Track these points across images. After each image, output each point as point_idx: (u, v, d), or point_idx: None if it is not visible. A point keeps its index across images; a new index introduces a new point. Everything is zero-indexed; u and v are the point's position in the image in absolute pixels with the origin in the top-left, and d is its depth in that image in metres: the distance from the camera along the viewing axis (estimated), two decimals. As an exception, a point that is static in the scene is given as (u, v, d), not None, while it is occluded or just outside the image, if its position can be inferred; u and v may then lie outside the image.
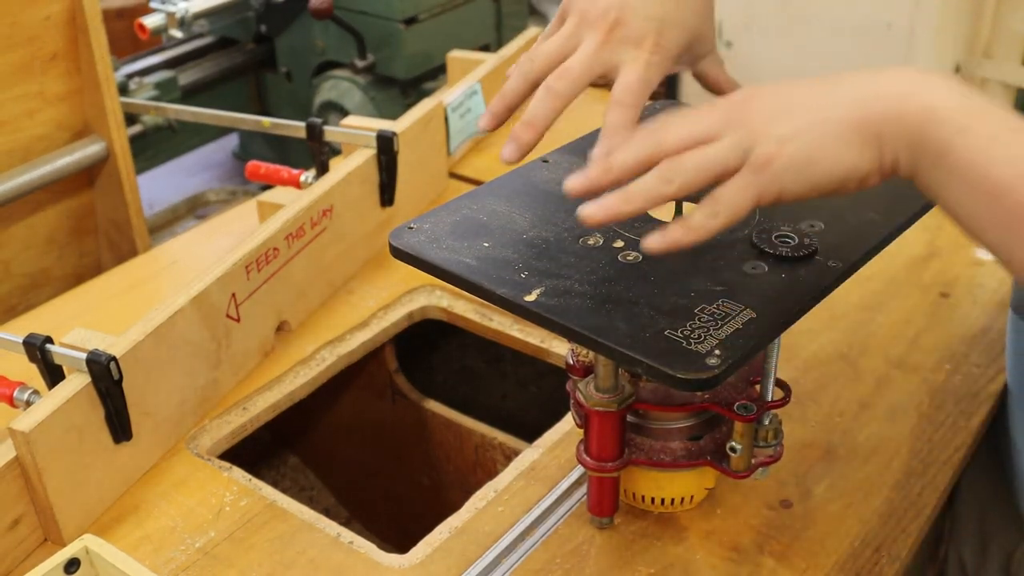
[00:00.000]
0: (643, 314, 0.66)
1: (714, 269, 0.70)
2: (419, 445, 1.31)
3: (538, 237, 0.75)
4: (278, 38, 2.55)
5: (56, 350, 0.87)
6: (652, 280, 0.70)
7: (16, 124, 1.33)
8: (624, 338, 0.64)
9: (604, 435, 0.77)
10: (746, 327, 0.65)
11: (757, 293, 0.68)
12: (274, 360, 1.06)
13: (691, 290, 0.68)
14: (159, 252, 1.30)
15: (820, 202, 0.70)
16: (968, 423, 0.96)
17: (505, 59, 1.50)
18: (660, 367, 0.62)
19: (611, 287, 0.69)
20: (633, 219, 0.73)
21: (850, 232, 0.73)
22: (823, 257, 0.70)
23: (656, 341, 0.64)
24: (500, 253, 0.73)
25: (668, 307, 0.67)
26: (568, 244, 0.74)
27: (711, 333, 0.64)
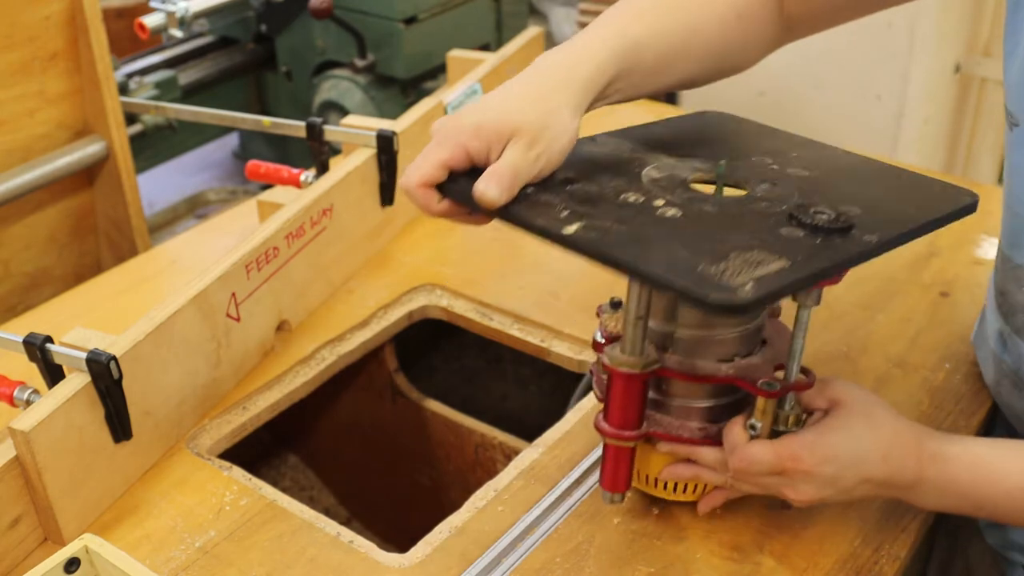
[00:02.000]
0: (678, 253, 0.68)
1: (751, 231, 0.72)
2: (419, 445, 1.31)
3: (581, 190, 0.76)
4: (278, 38, 2.55)
5: (56, 349, 0.87)
6: (688, 232, 0.72)
7: (16, 123, 1.33)
8: (660, 265, 0.67)
9: (627, 399, 0.77)
10: (779, 272, 0.66)
11: (791, 250, 0.69)
12: (274, 359, 1.07)
13: (727, 241, 0.70)
14: (159, 252, 1.30)
15: (858, 191, 0.78)
16: (968, 422, 0.96)
17: (505, 58, 1.50)
18: (694, 288, 0.64)
19: (648, 231, 0.71)
20: (677, 188, 0.77)
21: (887, 218, 0.75)
22: (859, 232, 0.72)
23: (690, 272, 0.66)
24: (542, 196, 0.75)
25: (703, 250, 0.69)
26: (609, 197, 0.75)
27: (744, 272, 0.66)
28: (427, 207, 0.78)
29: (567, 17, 3.05)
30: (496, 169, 0.74)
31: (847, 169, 0.85)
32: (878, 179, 0.83)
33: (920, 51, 2.16)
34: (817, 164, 0.84)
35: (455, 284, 1.18)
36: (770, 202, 0.76)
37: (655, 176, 0.79)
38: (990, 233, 1.23)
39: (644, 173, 0.80)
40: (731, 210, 0.75)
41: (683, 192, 0.77)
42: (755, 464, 0.75)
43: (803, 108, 2.27)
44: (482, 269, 1.20)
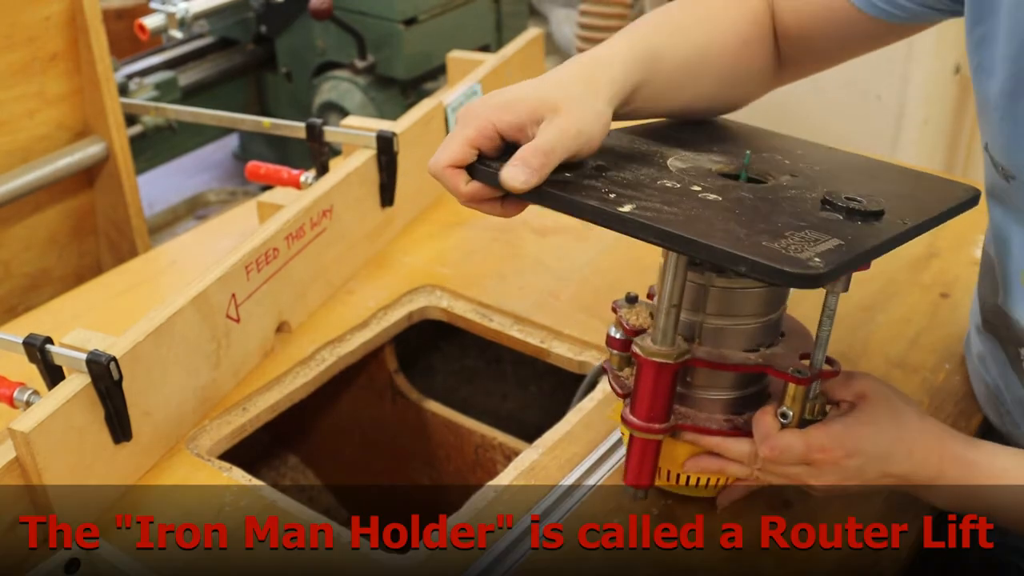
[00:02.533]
0: (737, 230, 0.68)
1: (793, 213, 0.72)
2: (419, 445, 1.31)
3: (617, 176, 0.75)
4: (278, 38, 2.55)
5: (56, 350, 0.87)
6: (735, 212, 0.71)
7: (16, 124, 1.34)
8: (726, 241, 0.66)
9: (657, 390, 0.76)
10: (838, 248, 0.67)
11: (838, 231, 0.70)
12: (274, 360, 1.06)
13: (776, 222, 0.70)
14: (159, 252, 1.30)
15: (872, 184, 0.81)
16: (968, 423, 0.96)
17: (505, 59, 1.50)
18: (769, 263, 0.64)
19: (698, 212, 0.71)
20: (707, 176, 0.77)
21: (910, 206, 0.77)
22: (891, 216, 0.73)
23: (756, 247, 0.66)
24: (583, 180, 0.73)
25: (758, 229, 0.69)
26: (647, 183, 0.74)
27: (807, 248, 0.66)
28: (455, 190, 0.74)
29: (567, 18, 3.05)
30: (528, 150, 0.70)
31: (853, 166, 0.86)
32: (884, 174, 0.85)
33: (920, 52, 2.15)
34: (824, 162, 0.85)
35: (455, 285, 1.18)
36: (799, 190, 0.77)
37: (681, 166, 0.79)
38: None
39: (670, 163, 0.80)
40: (767, 196, 0.75)
41: (714, 180, 0.77)
42: (786, 453, 0.76)
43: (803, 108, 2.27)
44: (482, 270, 1.20)
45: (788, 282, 0.64)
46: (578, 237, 1.26)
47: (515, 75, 1.54)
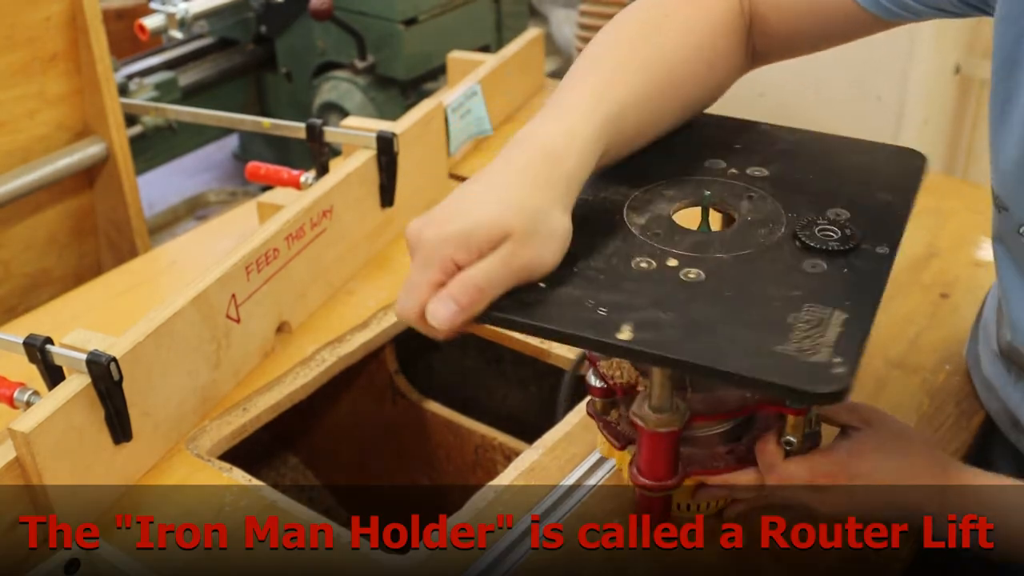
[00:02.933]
0: (740, 334, 0.65)
1: (777, 273, 0.70)
2: (419, 446, 1.31)
3: (588, 268, 0.70)
4: (278, 39, 2.55)
5: (56, 351, 0.87)
6: (727, 296, 0.69)
7: (16, 125, 1.34)
8: (742, 362, 0.63)
9: (665, 454, 0.76)
10: (846, 328, 0.65)
11: (833, 292, 0.68)
12: (274, 361, 1.06)
13: (770, 300, 0.68)
14: (159, 253, 1.30)
15: (825, 180, 0.80)
16: (968, 424, 0.96)
17: (505, 59, 1.50)
18: (795, 386, 0.62)
19: (691, 309, 0.67)
20: (674, 234, 0.74)
21: (874, 215, 0.76)
22: (868, 245, 0.73)
23: (773, 359, 0.63)
24: (564, 293, 0.68)
25: (760, 321, 0.66)
26: (622, 270, 0.71)
27: (818, 341, 0.64)
28: (433, 334, 0.70)
29: (567, 18, 3.05)
30: (457, 283, 0.65)
31: (796, 154, 0.85)
32: (832, 156, 0.85)
33: (920, 52, 2.15)
34: (765, 155, 0.84)
35: (455, 285, 1.18)
36: (766, 227, 0.75)
37: (641, 222, 0.76)
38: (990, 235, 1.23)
39: (628, 219, 0.76)
40: (741, 250, 0.73)
41: (680, 237, 0.74)
42: (792, 480, 0.77)
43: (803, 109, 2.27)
44: (482, 270, 1.20)
45: (822, 403, 0.67)
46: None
47: (515, 75, 1.54)
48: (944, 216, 1.26)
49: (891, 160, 0.84)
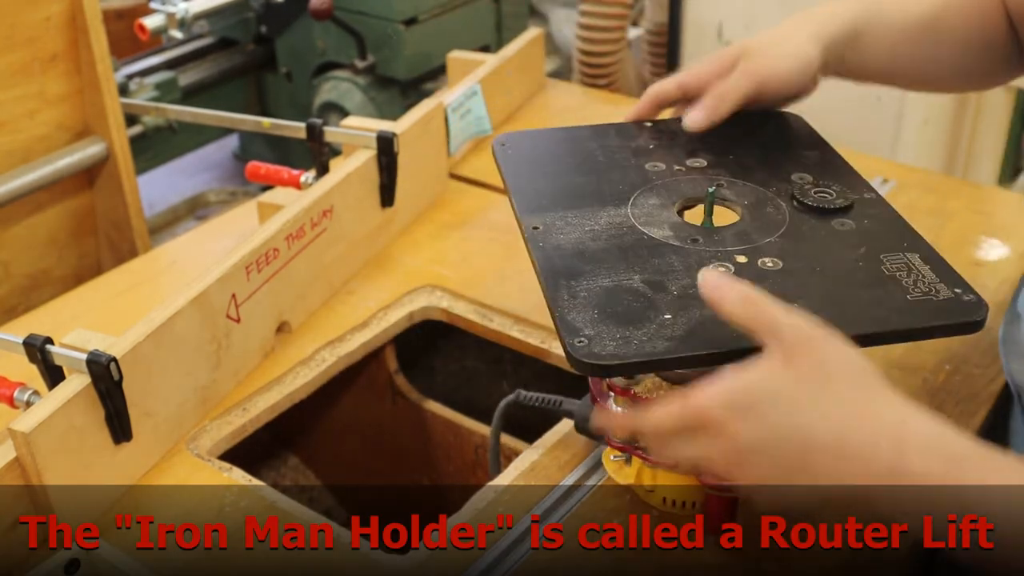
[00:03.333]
0: (865, 296, 0.71)
1: (825, 241, 0.77)
2: (419, 446, 1.31)
3: (679, 289, 0.72)
4: (278, 39, 2.55)
5: (56, 351, 0.87)
6: (817, 270, 0.73)
7: (16, 125, 1.34)
8: (903, 318, 0.68)
9: None
10: (932, 265, 0.72)
11: (882, 241, 0.76)
12: (274, 361, 1.06)
13: (849, 262, 0.74)
14: (159, 253, 1.30)
15: (777, 159, 0.87)
16: (968, 424, 0.96)
17: (505, 60, 1.50)
18: (961, 320, 0.68)
19: (808, 290, 0.71)
20: (712, 235, 0.77)
21: (824, 171, 0.85)
22: (857, 195, 0.81)
23: (921, 307, 0.69)
24: (688, 318, 0.68)
25: (867, 281, 0.72)
26: (675, 285, 0.72)
27: (929, 283, 0.71)
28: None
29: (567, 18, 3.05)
30: (707, 96, 0.84)
31: (712, 139, 0.89)
32: (738, 132, 0.90)
33: (920, 52, 2.15)
34: (689, 148, 0.89)
35: (455, 285, 1.18)
36: (768, 206, 0.80)
37: (667, 233, 0.78)
38: (990, 234, 1.23)
39: (653, 236, 0.78)
40: (776, 231, 0.78)
41: (719, 235, 0.77)
42: (659, 425, 0.63)
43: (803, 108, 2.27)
44: (482, 270, 1.20)
45: (975, 329, 0.69)
46: (578, 237, 1.25)
47: (515, 75, 1.54)
48: (945, 216, 1.26)
49: (781, 123, 0.93)
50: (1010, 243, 1.19)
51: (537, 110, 1.58)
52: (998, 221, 1.26)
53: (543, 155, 0.90)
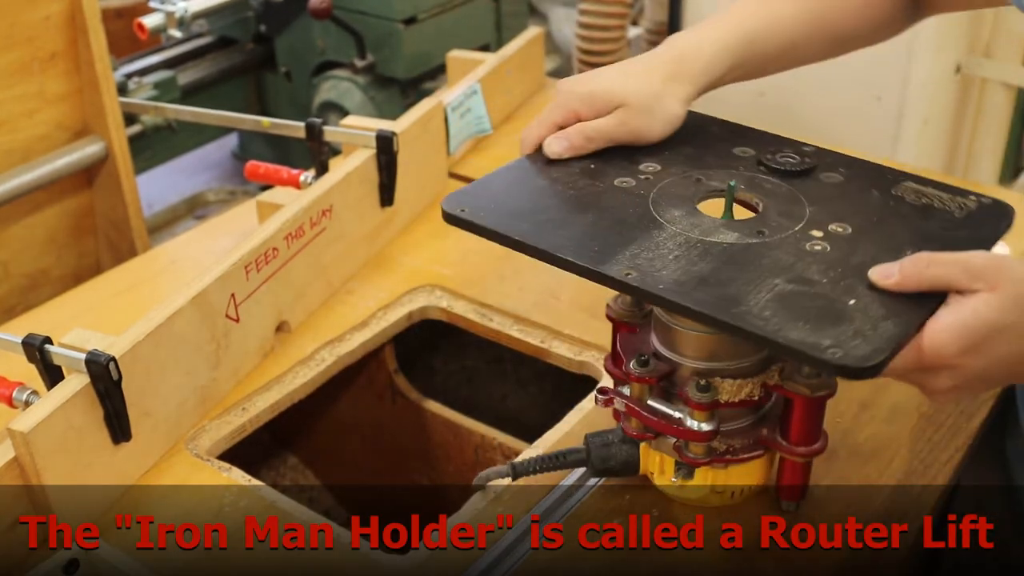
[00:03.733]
0: (935, 227, 0.78)
1: (842, 195, 0.82)
2: (419, 445, 1.31)
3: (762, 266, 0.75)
4: (277, 38, 2.54)
5: (55, 350, 0.87)
6: (875, 221, 0.79)
7: (15, 124, 1.33)
8: (978, 231, 0.78)
9: (818, 419, 0.80)
10: (925, 184, 0.82)
11: (873, 178, 0.84)
12: (274, 360, 1.06)
13: (884, 202, 0.81)
14: (158, 252, 1.30)
15: (718, 136, 0.91)
16: (968, 424, 0.95)
17: (505, 59, 1.50)
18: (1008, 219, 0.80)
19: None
20: (766, 219, 0.80)
21: (761, 139, 0.90)
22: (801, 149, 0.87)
23: (971, 220, 0.79)
24: (782, 301, 0.71)
25: (914, 214, 0.80)
26: (783, 258, 0.75)
27: (944, 199, 0.81)
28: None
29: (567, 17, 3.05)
30: (575, 129, 0.84)
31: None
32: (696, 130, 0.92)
33: (920, 52, 2.15)
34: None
35: (455, 285, 1.18)
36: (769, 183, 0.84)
37: (729, 238, 0.78)
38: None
39: (712, 239, 0.78)
40: (816, 202, 0.82)
41: (772, 229, 0.79)
42: (896, 371, 0.70)
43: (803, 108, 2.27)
44: (482, 270, 1.20)
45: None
46: (578, 237, 1.25)
47: (515, 74, 1.54)
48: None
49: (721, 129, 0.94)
50: (1010, 243, 1.19)
51: (537, 109, 1.57)
52: (998, 221, 1.25)
53: (514, 203, 0.84)
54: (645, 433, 0.82)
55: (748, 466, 0.82)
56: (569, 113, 0.86)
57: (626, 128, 0.85)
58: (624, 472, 0.85)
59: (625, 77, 0.86)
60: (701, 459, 0.80)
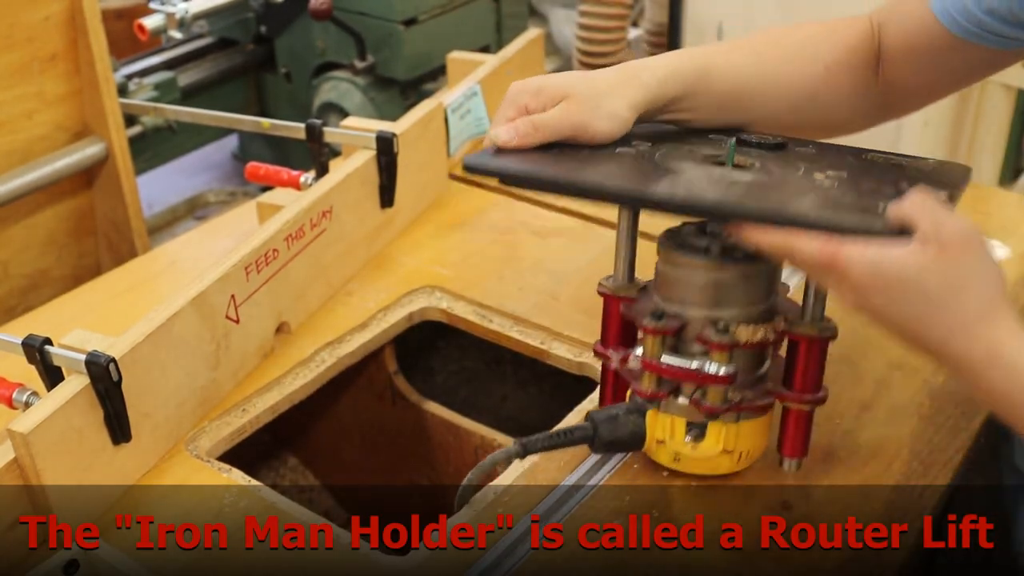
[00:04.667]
0: (920, 176, 0.82)
1: (822, 155, 0.86)
2: (419, 447, 1.31)
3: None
4: (278, 39, 2.55)
5: (55, 351, 0.87)
6: (861, 168, 0.84)
7: (15, 125, 1.34)
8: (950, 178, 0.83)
9: (820, 364, 0.84)
10: (885, 152, 0.88)
11: (838, 150, 0.88)
12: (273, 361, 1.06)
13: (865, 161, 0.87)
14: (158, 253, 1.30)
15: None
16: (968, 425, 0.95)
17: (505, 60, 1.50)
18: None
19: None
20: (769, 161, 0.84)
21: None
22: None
23: (942, 171, 0.85)
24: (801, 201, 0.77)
25: (891, 170, 0.84)
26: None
27: (905, 160, 0.87)
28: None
29: (567, 19, 3.05)
30: (523, 119, 0.84)
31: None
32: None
33: (920, 53, 2.15)
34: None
35: (455, 286, 1.18)
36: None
37: (751, 178, 0.81)
38: (990, 235, 1.23)
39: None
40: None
41: (783, 172, 0.82)
42: (805, 251, 0.73)
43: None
44: (481, 271, 1.20)
45: None
46: (577, 238, 1.25)
47: (515, 75, 1.54)
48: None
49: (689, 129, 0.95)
50: (1010, 243, 1.19)
51: (537, 110, 1.58)
52: (998, 221, 1.26)
53: (530, 162, 0.86)
54: (659, 391, 0.83)
55: (755, 426, 0.85)
56: (519, 108, 0.86)
57: (570, 120, 0.84)
58: (631, 445, 0.87)
59: (573, 76, 0.87)
60: (719, 407, 0.82)
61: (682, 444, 0.85)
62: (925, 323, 0.71)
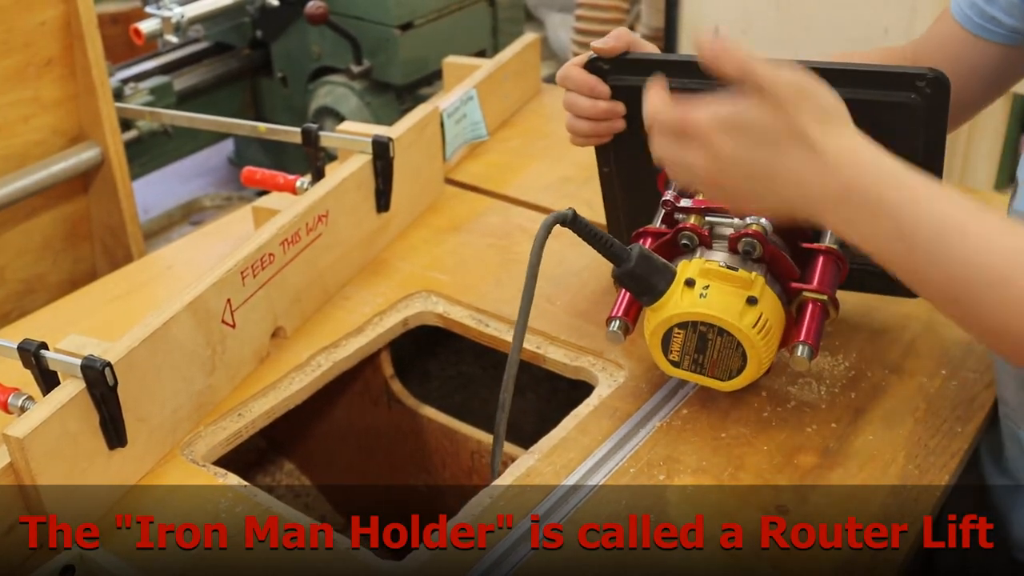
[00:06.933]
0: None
1: None
2: (415, 451, 1.31)
3: None
4: (274, 43, 2.55)
5: (51, 356, 0.87)
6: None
7: (11, 130, 1.33)
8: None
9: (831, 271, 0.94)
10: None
11: None
12: (269, 366, 1.06)
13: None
14: (154, 258, 1.30)
15: None
16: (964, 428, 0.95)
17: (501, 64, 1.50)
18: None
19: None
20: None
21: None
22: None
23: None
24: None
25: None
26: None
27: None
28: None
29: (563, 23, 3.05)
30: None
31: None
32: None
33: (915, 57, 2.16)
34: None
35: (451, 290, 1.18)
36: None
37: None
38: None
39: None
40: None
41: None
42: (656, 114, 0.75)
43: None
44: (478, 275, 1.20)
45: None
46: (574, 243, 1.25)
47: (511, 80, 1.54)
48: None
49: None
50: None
51: (533, 115, 1.58)
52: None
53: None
54: (702, 227, 0.94)
55: (776, 303, 0.91)
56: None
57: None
58: (650, 288, 0.90)
59: None
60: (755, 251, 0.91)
61: (713, 273, 0.90)
62: (778, 158, 0.71)
